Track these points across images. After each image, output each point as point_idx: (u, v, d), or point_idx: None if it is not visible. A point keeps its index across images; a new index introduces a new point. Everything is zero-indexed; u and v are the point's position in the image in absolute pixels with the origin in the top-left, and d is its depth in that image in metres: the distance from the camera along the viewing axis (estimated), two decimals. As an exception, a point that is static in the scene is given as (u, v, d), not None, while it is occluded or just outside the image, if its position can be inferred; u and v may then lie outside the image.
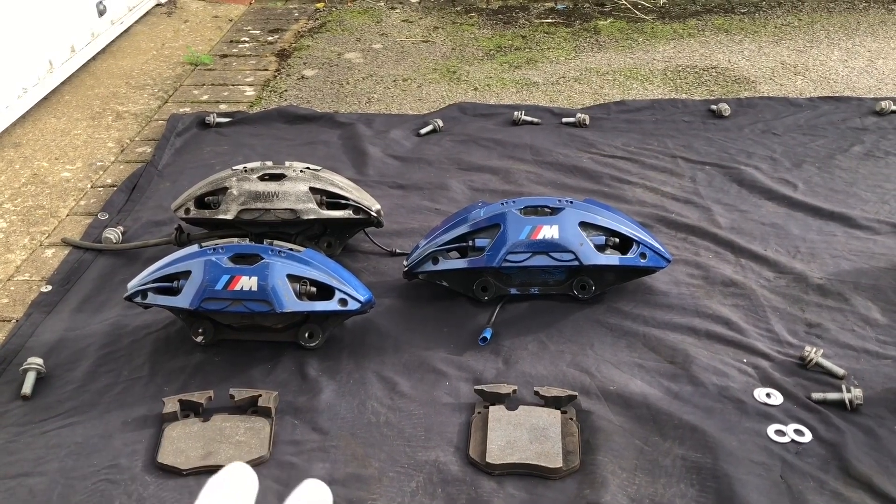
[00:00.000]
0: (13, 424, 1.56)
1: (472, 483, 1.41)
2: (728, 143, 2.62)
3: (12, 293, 1.99)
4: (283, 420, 1.56)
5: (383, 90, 3.17)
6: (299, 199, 1.92)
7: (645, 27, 3.76)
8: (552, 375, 1.65)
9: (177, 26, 3.88)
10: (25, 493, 1.40)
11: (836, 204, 2.26)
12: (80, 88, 3.17)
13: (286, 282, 1.64)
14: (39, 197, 2.43)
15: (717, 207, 2.26)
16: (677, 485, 1.40)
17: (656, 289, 1.91)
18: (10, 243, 2.20)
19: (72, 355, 1.74)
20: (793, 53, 3.41)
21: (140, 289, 1.68)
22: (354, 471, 1.44)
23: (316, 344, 1.73)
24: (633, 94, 3.06)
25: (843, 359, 1.68)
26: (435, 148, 2.64)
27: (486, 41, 3.64)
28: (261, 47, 3.63)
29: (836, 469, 1.42)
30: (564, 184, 2.40)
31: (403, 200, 2.34)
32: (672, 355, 1.70)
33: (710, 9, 3.97)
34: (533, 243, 1.78)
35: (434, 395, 1.61)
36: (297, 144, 2.69)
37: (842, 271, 1.97)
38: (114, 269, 2.05)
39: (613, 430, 1.51)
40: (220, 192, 1.95)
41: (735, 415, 1.54)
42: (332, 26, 3.88)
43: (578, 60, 3.41)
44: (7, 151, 2.69)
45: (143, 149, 2.72)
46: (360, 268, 2.01)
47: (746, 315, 1.82)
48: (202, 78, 3.31)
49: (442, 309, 1.87)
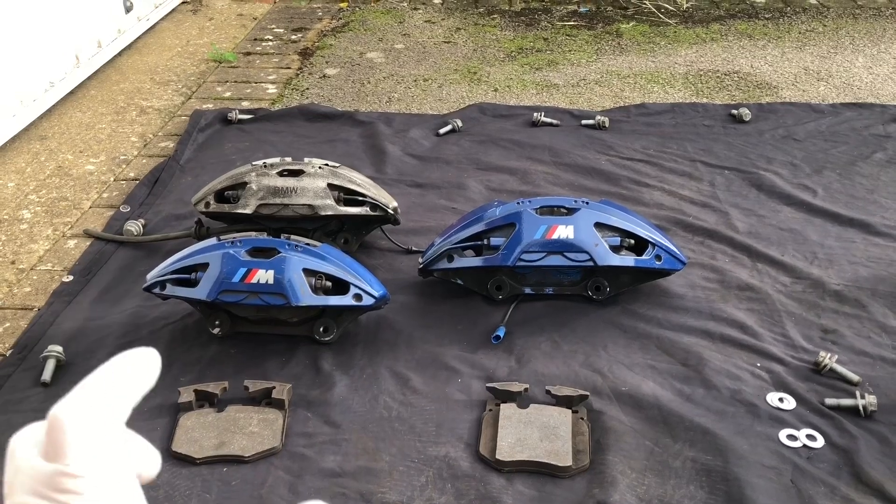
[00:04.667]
0: (33, 410, 1.59)
1: (482, 479, 1.42)
2: (748, 147, 2.61)
3: (35, 282, 2.03)
4: (297, 412, 1.58)
5: (404, 90, 3.19)
6: (317, 196, 1.94)
7: (667, 31, 3.75)
8: (564, 375, 1.66)
9: (202, 24, 3.93)
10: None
11: (856, 210, 2.24)
12: (105, 83, 3.22)
13: (302, 276, 1.66)
14: (63, 189, 2.47)
15: (735, 212, 2.25)
16: (687, 486, 1.39)
17: (671, 291, 1.91)
18: (33, 234, 2.24)
19: (91, 344, 1.77)
20: (816, 59, 3.39)
21: (159, 280, 1.71)
22: (365, 464, 1.45)
23: (330, 338, 1.74)
24: (654, 97, 3.06)
25: (858, 365, 1.67)
26: (454, 148, 2.65)
27: (508, 43, 3.65)
28: (284, 46, 3.66)
29: (848, 475, 1.41)
30: (582, 185, 2.40)
31: (421, 199, 2.35)
32: (685, 358, 1.70)
33: (734, 14, 3.95)
34: (548, 243, 1.79)
35: (446, 391, 1.62)
36: (318, 142, 2.71)
37: (860, 278, 1.96)
38: (134, 261, 2.08)
39: (624, 430, 1.51)
40: (239, 186, 1.98)
41: (747, 418, 1.53)
42: (354, 26, 3.90)
43: (600, 63, 3.40)
44: (33, 144, 2.73)
45: (166, 143, 2.75)
46: (375, 264, 2.03)
47: (761, 319, 1.82)
48: (225, 75, 3.35)
49: (456, 307, 1.88)
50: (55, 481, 0.36)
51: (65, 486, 0.36)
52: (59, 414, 0.38)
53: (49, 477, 0.37)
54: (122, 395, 0.40)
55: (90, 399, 0.39)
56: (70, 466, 0.37)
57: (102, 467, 0.38)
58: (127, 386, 0.41)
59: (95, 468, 0.37)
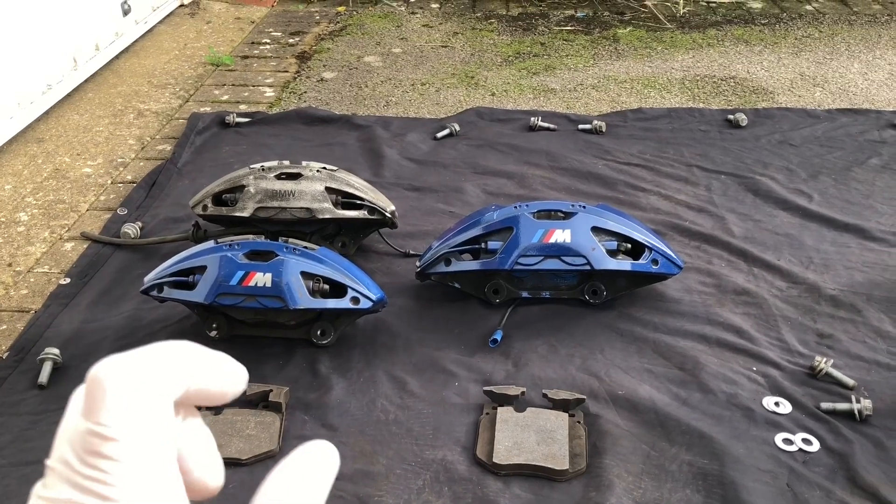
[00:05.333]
0: (29, 413, 1.59)
1: (479, 482, 1.42)
2: (744, 153, 2.62)
3: (31, 285, 2.03)
4: (294, 415, 1.58)
5: (401, 94, 3.20)
6: (315, 199, 1.95)
7: (664, 36, 3.77)
8: (561, 379, 1.66)
9: (199, 27, 3.93)
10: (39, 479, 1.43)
11: (852, 215, 2.25)
12: (103, 86, 3.22)
13: (300, 279, 1.67)
14: (60, 191, 2.47)
15: (732, 216, 2.26)
16: (683, 490, 1.40)
17: (668, 296, 1.92)
18: (30, 236, 2.24)
19: (88, 347, 1.77)
20: (812, 65, 3.41)
21: (156, 282, 1.71)
22: (362, 467, 1.46)
23: (328, 341, 1.75)
24: (651, 102, 3.07)
25: (853, 370, 1.67)
26: (451, 152, 2.66)
27: (505, 47, 3.66)
28: (281, 49, 3.67)
29: (844, 479, 1.42)
30: (579, 190, 2.41)
31: (418, 203, 2.36)
32: (682, 362, 1.70)
33: (731, 19, 3.97)
34: (545, 247, 1.80)
35: (443, 395, 1.63)
36: (315, 145, 2.71)
37: (855, 283, 1.97)
38: (131, 264, 2.08)
39: (621, 434, 1.51)
40: (237, 189, 1.98)
41: (743, 422, 1.54)
42: (352, 30, 3.91)
43: (597, 68, 3.42)
44: (30, 146, 2.73)
45: (164, 146, 2.76)
46: (373, 268, 2.03)
47: (757, 324, 1.82)
48: (223, 78, 3.35)
49: (453, 310, 1.88)
50: (88, 441, 0.33)
51: (98, 449, 0.33)
52: (99, 369, 0.34)
53: (83, 435, 0.33)
54: (182, 372, 0.36)
55: (139, 364, 0.35)
56: (106, 427, 0.33)
57: (145, 439, 0.34)
58: (190, 367, 0.37)
59: (135, 436, 0.33)
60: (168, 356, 0.36)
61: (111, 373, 0.34)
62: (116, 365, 0.34)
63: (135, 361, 0.35)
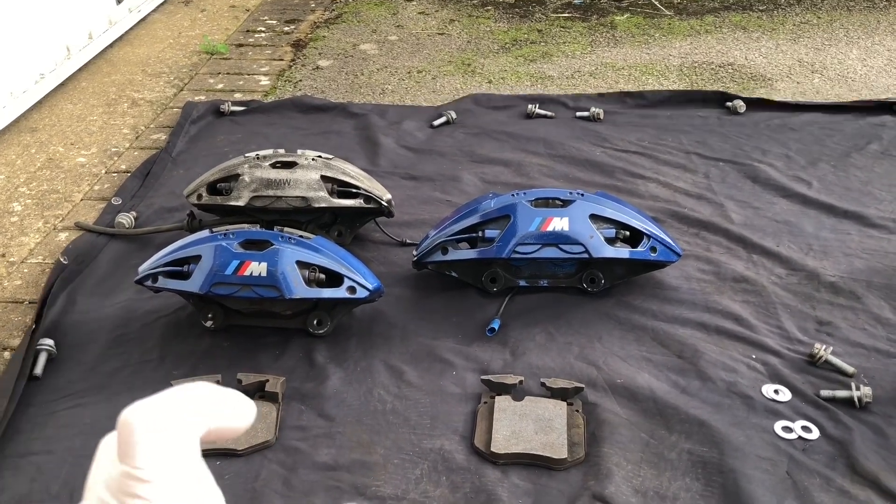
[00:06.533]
0: (24, 404, 1.57)
1: (477, 472, 1.41)
2: (743, 139, 2.61)
3: (25, 275, 2.01)
4: (290, 405, 1.57)
5: (398, 81, 3.17)
6: (311, 188, 1.93)
7: (662, 23, 3.74)
8: (559, 367, 1.65)
9: (194, 15, 3.90)
10: (34, 470, 1.42)
11: (851, 202, 2.24)
12: (96, 75, 3.19)
13: (295, 268, 1.65)
14: (54, 181, 2.45)
15: (730, 204, 2.24)
16: (682, 478, 1.39)
17: (666, 283, 1.91)
18: (24, 226, 2.22)
19: (83, 337, 1.75)
20: (810, 51, 3.39)
21: (151, 272, 1.70)
22: (360, 457, 1.45)
23: (324, 331, 1.73)
24: (649, 89, 3.04)
25: (853, 357, 1.67)
26: (448, 140, 2.64)
27: (502, 34, 3.63)
28: (277, 37, 3.64)
29: (843, 466, 1.41)
30: (577, 177, 2.39)
31: (415, 191, 2.34)
32: (680, 350, 1.70)
33: (728, 6, 3.94)
34: (543, 235, 1.78)
35: (441, 384, 1.62)
36: (311, 134, 2.69)
37: (855, 269, 1.95)
38: (126, 254, 2.07)
39: (619, 422, 1.50)
40: (232, 178, 1.96)
41: (742, 410, 1.53)
42: (348, 17, 3.88)
43: (594, 55, 3.39)
44: (23, 136, 2.71)
45: (158, 136, 2.73)
46: (369, 257, 2.02)
47: (756, 311, 1.81)
48: (218, 67, 3.32)
49: (450, 299, 1.87)
50: (124, 483, 0.36)
51: (133, 490, 0.36)
52: (128, 415, 0.37)
53: (118, 478, 0.37)
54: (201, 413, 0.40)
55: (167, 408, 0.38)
56: (140, 470, 0.36)
57: (176, 477, 0.37)
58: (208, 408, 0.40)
59: (167, 476, 0.37)
60: (190, 399, 0.39)
61: (142, 418, 0.37)
62: (146, 410, 0.38)
63: (162, 406, 0.38)
